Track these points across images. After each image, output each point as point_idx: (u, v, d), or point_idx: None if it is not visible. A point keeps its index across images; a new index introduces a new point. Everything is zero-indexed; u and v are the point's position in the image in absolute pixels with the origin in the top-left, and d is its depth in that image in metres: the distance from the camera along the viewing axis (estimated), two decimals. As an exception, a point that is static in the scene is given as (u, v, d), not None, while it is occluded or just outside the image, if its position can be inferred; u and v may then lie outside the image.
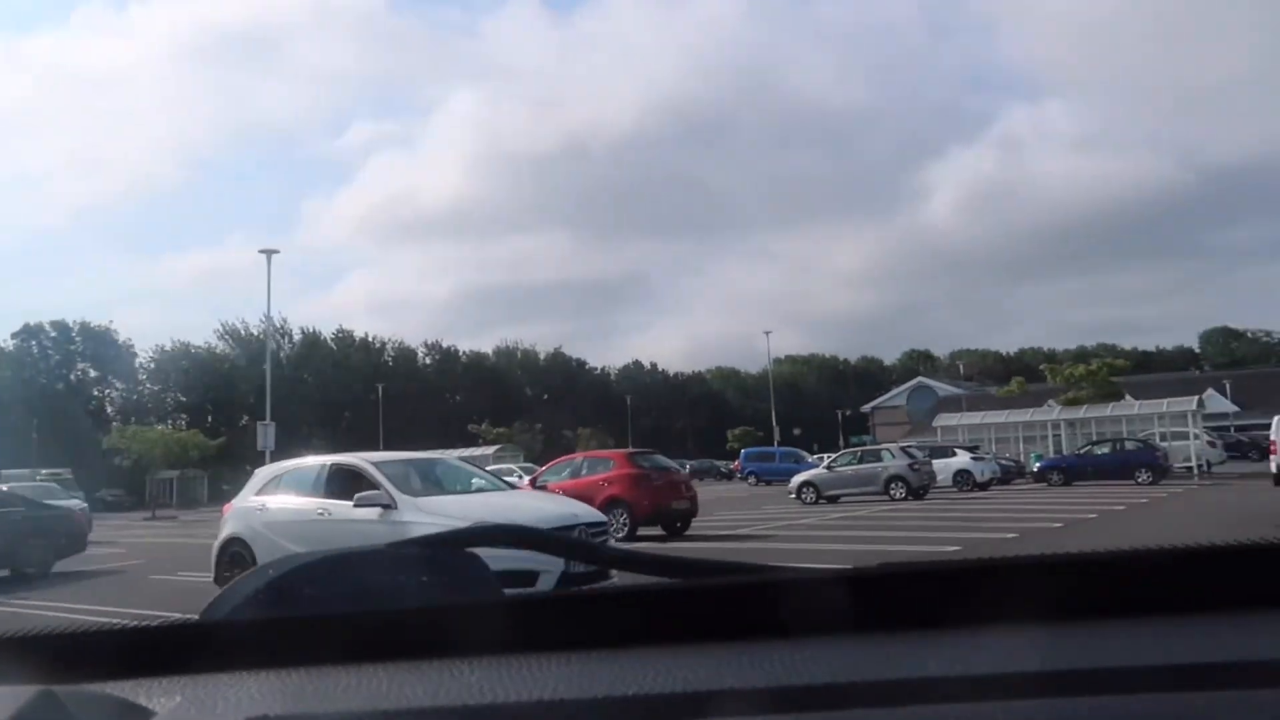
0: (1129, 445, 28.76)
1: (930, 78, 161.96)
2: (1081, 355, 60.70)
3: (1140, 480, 26.45)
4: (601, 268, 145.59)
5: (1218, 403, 50.92)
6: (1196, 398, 33.56)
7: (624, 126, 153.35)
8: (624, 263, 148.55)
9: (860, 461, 25.52)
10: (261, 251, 32.42)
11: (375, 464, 8.98)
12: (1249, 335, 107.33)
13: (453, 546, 0.93)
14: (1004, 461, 31.06)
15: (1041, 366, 49.81)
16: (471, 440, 54.42)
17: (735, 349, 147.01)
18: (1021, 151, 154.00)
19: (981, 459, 28.74)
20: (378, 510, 8.46)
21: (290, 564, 0.91)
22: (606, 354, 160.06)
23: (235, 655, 0.78)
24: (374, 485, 8.66)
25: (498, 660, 0.73)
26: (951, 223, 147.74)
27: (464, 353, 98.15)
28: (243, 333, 76.36)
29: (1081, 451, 29.64)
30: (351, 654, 0.76)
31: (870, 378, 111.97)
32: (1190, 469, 29.53)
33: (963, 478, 27.72)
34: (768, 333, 62.32)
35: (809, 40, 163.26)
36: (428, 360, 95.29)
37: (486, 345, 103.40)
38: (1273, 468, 24.39)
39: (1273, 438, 24.82)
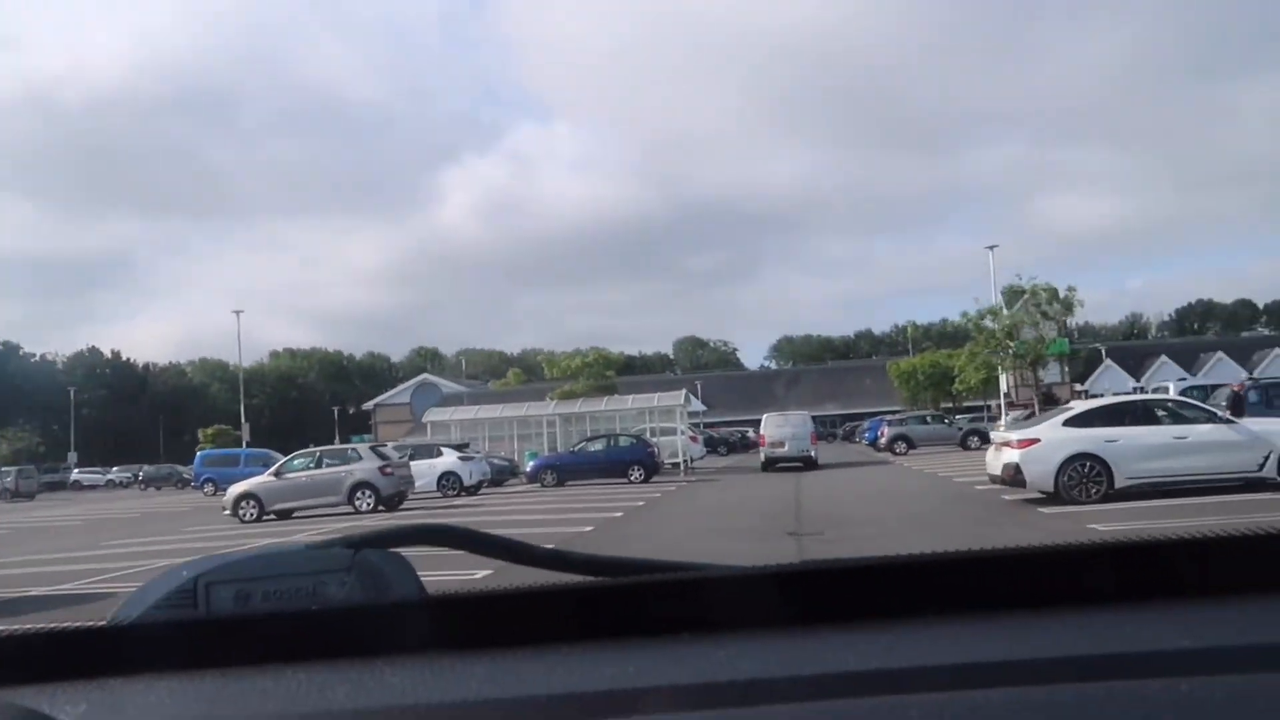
0: (623, 441, 27.18)
1: (448, 85, 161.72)
2: (578, 356, 61.72)
3: (633, 479, 24.81)
4: (68, 242, 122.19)
5: (691, 403, 54.32)
6: (683, 392, 33.69)
7: (107, 83, 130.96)
8: (98, 239, 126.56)
9: (319, 465, 20.17)
10: None
11: None
12: (712, 344, 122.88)
13: (376, 545, 0.88)
14: (496, 461, 28.09)
15: (539, 358, 48.79)
16: None
17: (230, 341, 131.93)
18: (530, 167, 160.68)
19: (470, 459, 25.13)
20: None
21: (206, 564, 0.86)
22: (66, 340, 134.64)
23: (146, 659, 0.74)
24: None
25: (420, 660, 0.72)
26: (464, 228, 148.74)
27: None
28: None
29: (576, 449, 27.58)
30: (269, 656, 0.73)
31: (377, 375, 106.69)
32: (678, 464, 29.18)
33: (449, 481, 23.87)
34: (238, 312, 53.56)
35: (325, 27, 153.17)
36: None
37: None
38: (761, 457, 27.24)
39: (762, 433, 27.15)
